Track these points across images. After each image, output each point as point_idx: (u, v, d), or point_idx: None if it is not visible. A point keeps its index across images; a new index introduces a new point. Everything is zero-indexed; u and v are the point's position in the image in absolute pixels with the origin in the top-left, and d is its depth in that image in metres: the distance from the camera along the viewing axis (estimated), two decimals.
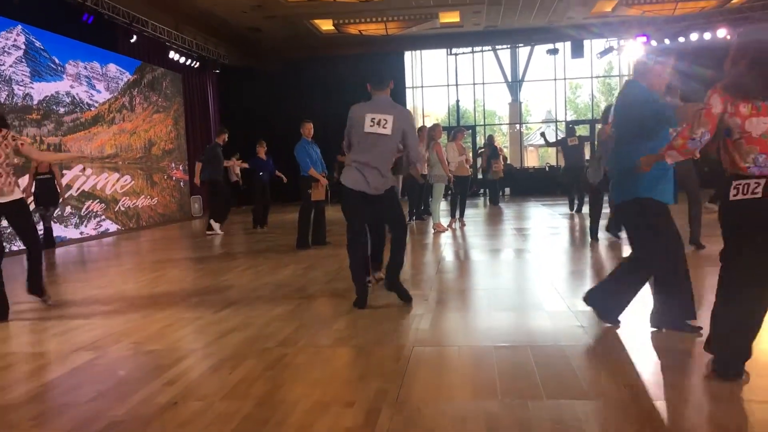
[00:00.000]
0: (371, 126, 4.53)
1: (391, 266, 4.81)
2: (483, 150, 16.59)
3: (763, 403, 2.70)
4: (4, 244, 5.16)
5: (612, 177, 3.94)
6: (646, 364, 3.32)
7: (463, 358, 3.51)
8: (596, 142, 9.30)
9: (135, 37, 13.00)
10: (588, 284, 5.41)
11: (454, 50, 20.74)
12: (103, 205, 11.99)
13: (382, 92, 4.67)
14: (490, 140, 16.40)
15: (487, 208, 14.37)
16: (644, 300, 4.63)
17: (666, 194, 3.66)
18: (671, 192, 3.68)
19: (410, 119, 4.73)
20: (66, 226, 10.82)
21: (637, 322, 4.03)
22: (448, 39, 19.52)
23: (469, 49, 20.69)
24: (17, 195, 5.07)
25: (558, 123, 23.24)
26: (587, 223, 8.42)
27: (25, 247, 5.31)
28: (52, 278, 7.20)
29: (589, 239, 8.01)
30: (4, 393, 3.20)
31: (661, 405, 2.72)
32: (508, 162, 20.52)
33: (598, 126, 8.92)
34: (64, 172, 10.84)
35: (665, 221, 3.67)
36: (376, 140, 4.57)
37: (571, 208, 12.23)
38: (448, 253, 7.55)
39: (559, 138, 14.10)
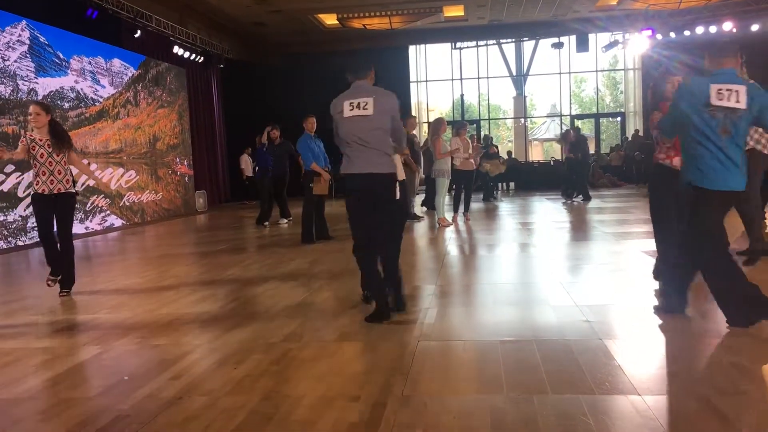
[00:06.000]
0: (350, 110, 4.30)
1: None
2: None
3: None
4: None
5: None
6: (652, 358, 3.31)
7: (468, 352, 3.51)
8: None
9: (139, 32, 13.02)
10: (593, 279, 5.41)
11: (458, 44, 20.68)
12: (107, 200, 12.02)
13: (362, 80, 4.43)
14: (486, 141, 17.21)
15: (484, 203, 14.33)
16: (647, 297, 4.62)
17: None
18: None
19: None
20: None
21: (642, 316, 4.02)
22: (453, 33, 19.47)
23: (474, 43, 20.63)
24: None
25: (563, 117, 23.18)
26: (592, 216, 8.37)
27: None
28: None
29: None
30: (12, 387, 3.22)
31: (666, 399, 2.71)
32: (513, 156, 20.49)
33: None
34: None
35: None
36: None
37: (572, 197, 13.49)
38: (452, 248, 7.55)
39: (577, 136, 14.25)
